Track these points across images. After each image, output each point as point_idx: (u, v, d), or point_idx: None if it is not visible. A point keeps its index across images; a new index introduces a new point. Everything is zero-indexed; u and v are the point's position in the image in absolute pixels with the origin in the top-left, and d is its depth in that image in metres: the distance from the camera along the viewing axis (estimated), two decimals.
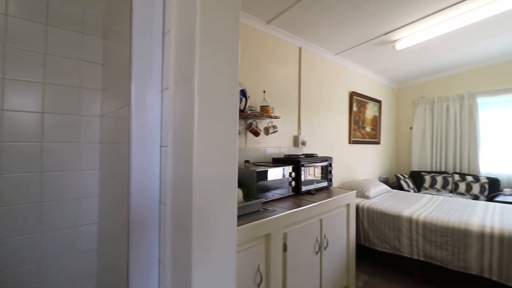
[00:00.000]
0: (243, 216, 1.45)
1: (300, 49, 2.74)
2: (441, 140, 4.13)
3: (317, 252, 1.78)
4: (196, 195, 0.54)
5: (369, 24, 2.51)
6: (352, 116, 3.56)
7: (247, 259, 1.32)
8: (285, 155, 2.35)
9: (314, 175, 2.22)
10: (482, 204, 2.71)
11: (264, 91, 2.19)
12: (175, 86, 0.63)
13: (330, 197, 2.00)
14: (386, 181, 4.14)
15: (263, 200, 1.63)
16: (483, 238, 1.97)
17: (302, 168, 2.07)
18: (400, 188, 3.81)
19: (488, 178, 3.52)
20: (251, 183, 1.75)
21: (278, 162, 2.19)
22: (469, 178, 3.62)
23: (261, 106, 2.14)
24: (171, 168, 0.63)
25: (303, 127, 2.76)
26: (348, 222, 2.15)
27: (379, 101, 4.16)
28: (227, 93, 0.60)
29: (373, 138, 4.09)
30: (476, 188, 3.50)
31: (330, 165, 2.37)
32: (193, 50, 0.56)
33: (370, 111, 3.99)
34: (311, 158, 2.24)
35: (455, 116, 4.00)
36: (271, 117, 2.15)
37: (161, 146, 0.71)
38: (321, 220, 1.84)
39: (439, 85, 4.25)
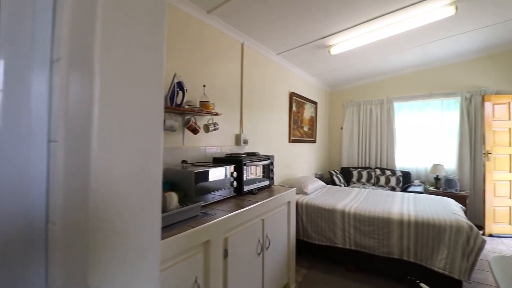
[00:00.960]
0: (179, 224, 1.28)
1: (242, 45, 2.66)
2: (366, 139, 4.63)
3: (259, 254, 1.72)
4: (94, 209, 0.38)
5: (308, 27, 2.60)
6: (292, 116, 3.67)
7: (182, 272, 1.16)
8: (227, 154, 2.23)
9: (256, 174, 2.17)
10: (399, 194, 3.10)
11: (204, 86, 2.03)
12: (69, 57, 0.45)
13: (272, 195, 1.97)
14: (321, 177, 4.42)
15: (202, 203, 1.49)
16: (402, 224, 2.23)
17: (244, 167, 1.99)
18: (333, 183, 4.12)
19: (402, 171, 4.10)
20: (188, 185, 1.59)
21: (219, 161, 2.07)
22: (388, 172, 4.15)
23: (200, 102, 1.98)
24: (62, 172, 0.44)
25: (245, 126, 2.70)
26: (289, 219, 2.17)
27: (315, 103, 4.41)
28: (147, 69, 0.45)
29: (310, 137, 4.32)
30: (393, 181, 4.02)
31: (272, 163, 2.36)
32: (94, 2, 0.40)
33: (308, 111, 4.20)
34: (253, 157, 2.18)
35: (377, 118, 4.53)
36: (211, 113, 2.01)
37: (48, 141, 0.50)
38: (263, 220, 1.78)
39: (364, 90, 4.76)
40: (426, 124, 4.21)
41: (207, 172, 1.67)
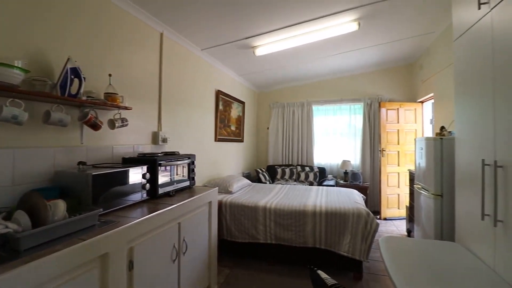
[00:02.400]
0: (67, 237, 1.06)
1: (162, 35, 2.45)
2: (289, 138, 4.96)
3: (174, 260, 1.60)
4: None
5: (232, 26, 2.58)
6: (218, 115, 3.61)
7: None
8: (139, 153, 2.01)
9: (175, 175, 2.02)
10: (315, 188, 3.40)
11: (110, 75, 1.76)
12: None
13: (191, 197, 1.87)
14: (248, 176, 4.50)
15: (100, 211, 1.28)
16: (315, 215, 2.43)
17: (160, 168, 1.82)
18: (259, 181, 4.25)
19: (318, 167, 4.54)
20: (85, 190, 1.35)
21: (129, 162, 1.84)
22: (307, 169, 4.52)
23: (105, 93, 1.71)
24: None
25: (165, 123, 2.50)
26: (210, 220, 2.10)
27: (243, 102, 4.46)
28: None
29: (238, 137, 4.35)
30: (311, 176, 4.40)
31: (193, 163, 2.24)
32: None
33: (235, 111, 4.21)
34: (171, 156, 2.03)
35: (298, 119, 4.90)
36: (119, 107, 1.76)
37: None
38: (179, 223, 1.67)
39: (288, 92, 5.08)
40: (338, 125, 4.78)
41: (110, 174, 1.46)
